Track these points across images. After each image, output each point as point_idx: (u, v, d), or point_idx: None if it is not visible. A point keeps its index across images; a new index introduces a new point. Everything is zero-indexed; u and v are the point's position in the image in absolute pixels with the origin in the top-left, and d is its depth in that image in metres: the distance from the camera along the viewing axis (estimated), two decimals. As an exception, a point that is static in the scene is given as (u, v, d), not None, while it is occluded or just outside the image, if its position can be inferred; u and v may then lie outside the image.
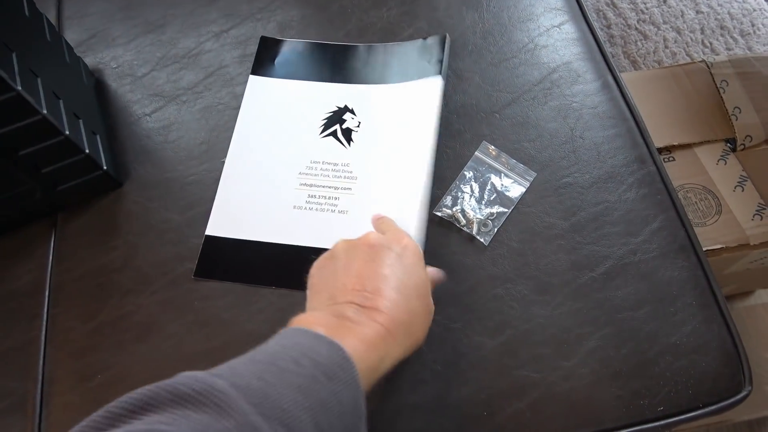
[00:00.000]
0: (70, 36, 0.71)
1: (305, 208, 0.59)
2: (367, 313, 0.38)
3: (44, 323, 0.56)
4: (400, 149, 0.60)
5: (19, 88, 0.45)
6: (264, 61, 0.68)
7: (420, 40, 0.67)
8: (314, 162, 0.61)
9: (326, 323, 0.37)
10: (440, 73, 0.63)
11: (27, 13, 0.55)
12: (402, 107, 0.63)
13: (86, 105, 0.61)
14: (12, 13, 0.52)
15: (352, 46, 0.68)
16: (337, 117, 0.63)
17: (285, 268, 0.56)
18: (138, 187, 0.61)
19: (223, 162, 0.61)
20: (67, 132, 0.51)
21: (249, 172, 0.61)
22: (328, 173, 0.60)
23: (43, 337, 0.55)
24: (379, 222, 0.52)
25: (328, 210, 0.58)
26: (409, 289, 0.40)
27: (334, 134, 0.62)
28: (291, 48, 0.69)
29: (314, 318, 0.38)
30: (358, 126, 0.63)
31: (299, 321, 0.38)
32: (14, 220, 0.59)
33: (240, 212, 0.59)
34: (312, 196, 0.59)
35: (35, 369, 0.54)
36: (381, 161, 0.60)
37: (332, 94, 0.65)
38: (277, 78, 0.67)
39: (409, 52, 0.66)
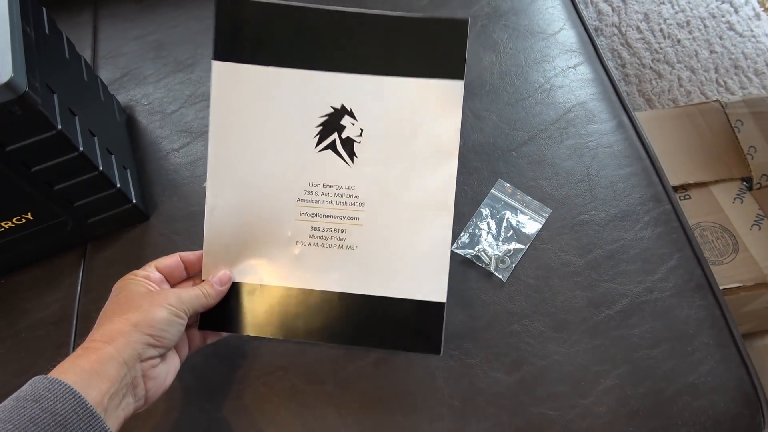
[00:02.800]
0: (104, 74, 0.74)
1: (309, 244, 0.50)
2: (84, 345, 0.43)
3: (71, 352, 0.57)
4: (415, 169, 0.51)
5: (60, 127, 0.47)
6: (229, 37, 0.50)
7: (434, 19, 0.51)
8: (313, 185, 0.51)
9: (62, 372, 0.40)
10: (462, 76, 0.50)
11: (67, 55, 0.58)
12: (415, 112, 0.51)
13: (118, 141, 0.64)
14: (54, 56, 0.55)
15: (345, 13, 0.51)
16: (333, 123, 0.51)
17: (292, 316, 0.50)
18: (164, 220, 0.63)
19: (205, 186, 0.52)
20: (101, 167, 0.54)
21: (238, 201, 0.51)
22: (331, 199, 0.50)
23: (69, 366, 0.56)
24: None
25: (335, 246, 0.50)
26: (109, 311, 0.45)
27: (332, 147, 0.51)
28: (263, 15, 0.50)
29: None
30: (360, 135, 0.51)
31: None
32: (46, 251, 0.61)
33: (234, 253, 0.51)
34: (315, 229, 0.50)
35: (61, 397, 0.55)
36: (391, 184, 0.51)
37: (325, 90, 0.51)
38: (250, 64, 0.50)
39: (421, 33, 0.51)
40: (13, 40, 0.46)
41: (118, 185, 0.57)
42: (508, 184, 0.62)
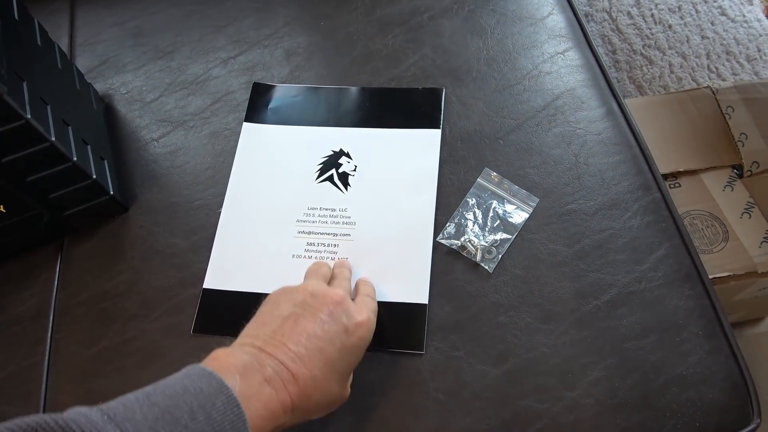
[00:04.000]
0: (82, 62, 0.72)
1: (304, 257, 0.57)
2: (284, 376, 0.39)
3: (47, 348, 0.56)
4: (400, 196, 0.60)
5: (29, 116, 0.45)
6: (257, 107, 0.67)
7: (417, 89, 0.67)
8: (311, 209, 0.60)
9: (243, 370, 0.38)
10: (439, 126, 0.64)
11: (39, 42, 0.56)
12: (400, 153, 0.63)
13: (95, 130, 0.62)
14: (24, 43, 0.53)
15: (345, 89, 0.68)
16: (332, 161, 0.63)
17: None
18: (144, 212, 0.62)
19: (220, 212, 0.60)
20: (75, 158, 0.52)
21: (246, 222, 0.60)
22: (326, 219, 0.59)
23: (45, 363, 0.55)
24: (361, 285, 0.52)
25: (327, 258, 0.57)
26: (333, 371, 0.42)
27: (330, 179, 0.62)
28: (284, 93, 0.68)
29: (234, 359, 0.39)
30: (355, 170, 0.62)
31: (218, 357, 0.39)
32: (21, 245, 0.60)
33: (238, 264, 0.58)
34: (311, 244, 0.58)
35: (37, 395, 0.54)
36: (379, 206, 0.60)
37: (327, 138, 0.64)
38: (271, 124, 0.66)
39: (405, 99, 0.66)
40: (-23, 26, 0.44)
41: (95, 176, 0.56)
42: (494, 173, 0.61)
